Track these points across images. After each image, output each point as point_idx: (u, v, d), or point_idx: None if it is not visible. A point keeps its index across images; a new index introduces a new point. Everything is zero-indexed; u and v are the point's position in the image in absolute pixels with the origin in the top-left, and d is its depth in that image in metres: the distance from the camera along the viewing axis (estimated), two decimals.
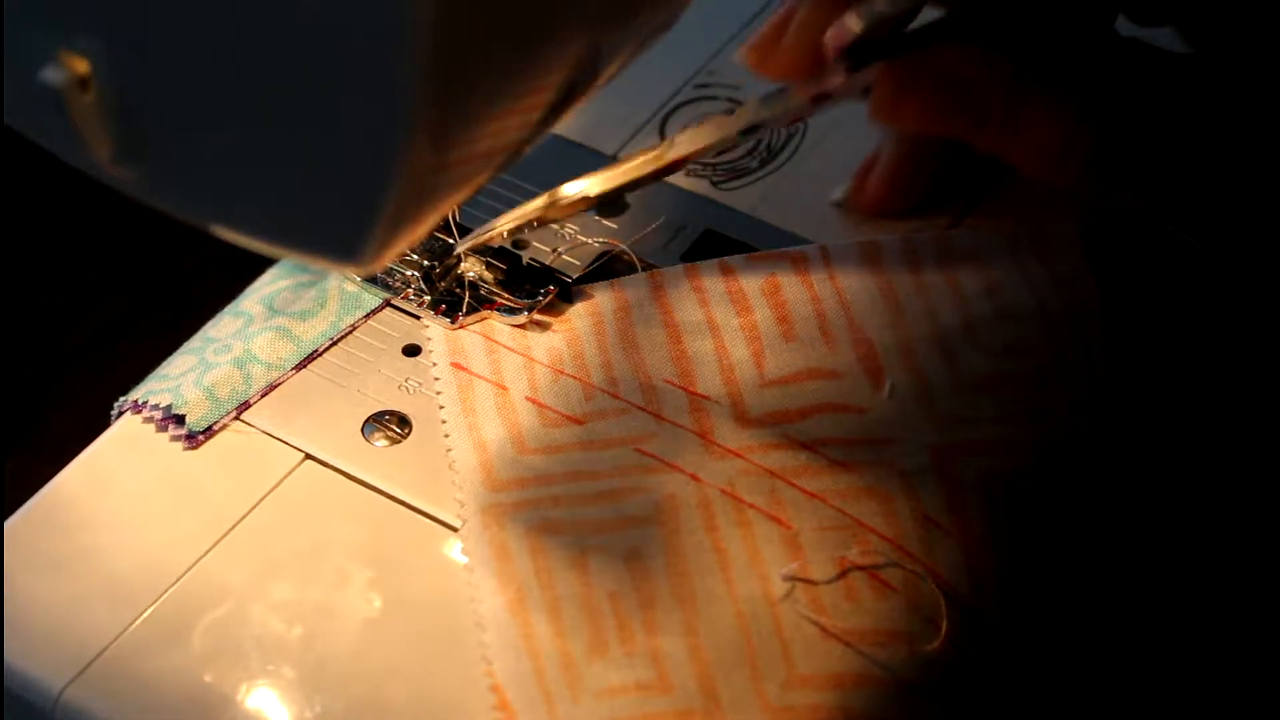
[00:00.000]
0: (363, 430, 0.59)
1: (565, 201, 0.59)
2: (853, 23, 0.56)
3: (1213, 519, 0.58)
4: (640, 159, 0.59)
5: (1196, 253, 0.58)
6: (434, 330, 0.60)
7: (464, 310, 0.60)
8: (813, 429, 0.56)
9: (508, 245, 0.63)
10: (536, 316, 0.60)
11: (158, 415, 0.59)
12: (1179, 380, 0.59)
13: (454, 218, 0.62)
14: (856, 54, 0.56)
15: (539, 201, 0.59)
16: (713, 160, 0.66)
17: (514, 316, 0.60)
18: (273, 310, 0.62)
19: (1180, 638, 0.57)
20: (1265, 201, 0.57)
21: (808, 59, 0.58)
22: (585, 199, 0.59)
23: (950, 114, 0.58)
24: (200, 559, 0.56)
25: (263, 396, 0.59)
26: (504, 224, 0.60)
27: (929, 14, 0.58)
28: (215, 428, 0.59)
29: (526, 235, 0.63)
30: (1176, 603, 0.57)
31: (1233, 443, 0.59)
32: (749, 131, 0.58)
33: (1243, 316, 0.59)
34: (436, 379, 0.59)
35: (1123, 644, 0.56)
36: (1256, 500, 0.58)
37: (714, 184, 0.66)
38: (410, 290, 0.62)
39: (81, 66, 0.43)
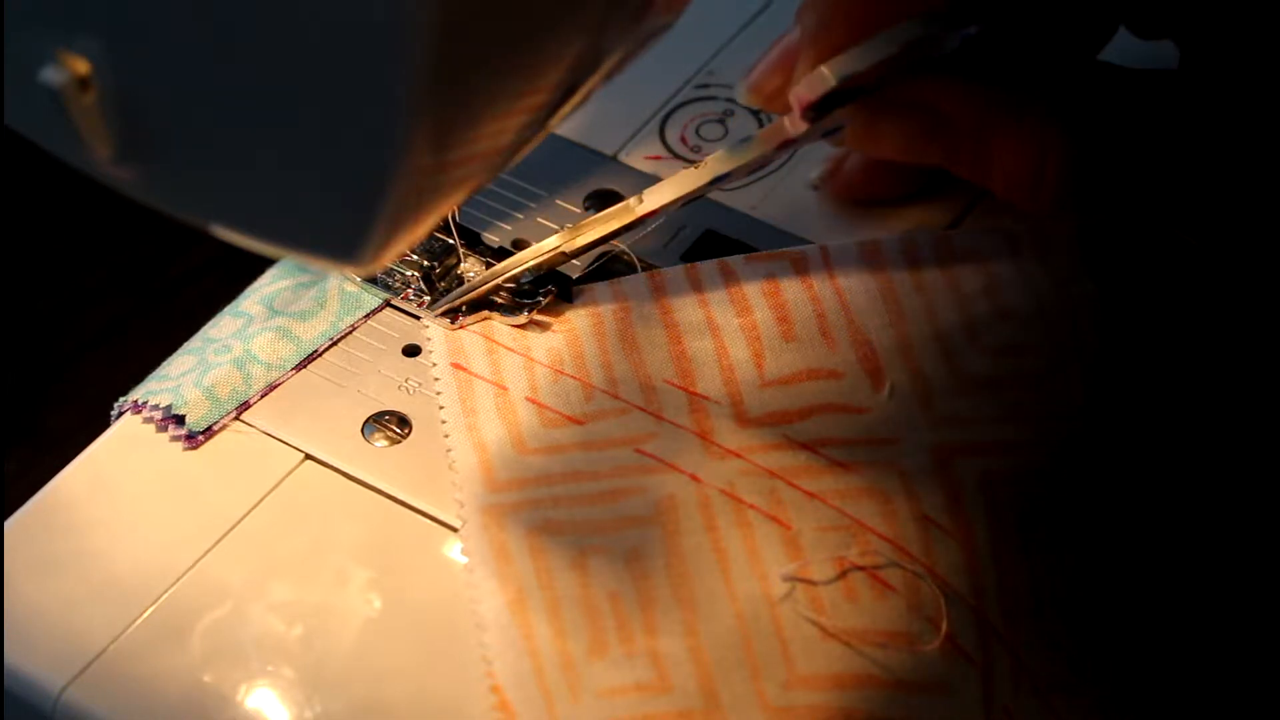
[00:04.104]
0: (363, 430, 0.59)
1: (537, 259, 0.60)
2: (825, 78, 0.56)
3: (1212, 518, 0.58)
4: (611, 214, 0.60)
5: (1196, 253, 0.58)
6: (434, 330, 0.60)
7: (464, 310, 0.60)
8: (813, 429, 0.56)
9: (508, 247, 0.63)
10: (536, 316, 0.60)
11: (158, 415, 0.59)
12: (1178, 380, 0.59)
13: (454, 218, 0.62)
14: (820, 106, 0.57)
15: (516, 258, 0.60)
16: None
17: (514, 316, 0.60)
18: (273, 310, 0.62)
19: (1180, 638, 0.57)
20: (1254, 207, 0.57)
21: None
22: (561, 254, 0.60)
23: (924, 145, 0.59)
24: (200, 559, 0.56)
25: (263, 396, 0.59)
26: (496, 271, 0.60)
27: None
28: (215, 428, 0.59)
29: (524, 236, 0.64)
30: (1176, 603, 0.57)
31: (1232, 442, 0.59)
32: (715, 182, 0.59)
33: (1242, 316, 0.59)
34: (436, 379, 0.59)
35: (1123, 644, 0.56)
36: (1256, 499, 0.58)
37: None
38: (410, 290, 0.62)
39: (81, 66, 0.43)
